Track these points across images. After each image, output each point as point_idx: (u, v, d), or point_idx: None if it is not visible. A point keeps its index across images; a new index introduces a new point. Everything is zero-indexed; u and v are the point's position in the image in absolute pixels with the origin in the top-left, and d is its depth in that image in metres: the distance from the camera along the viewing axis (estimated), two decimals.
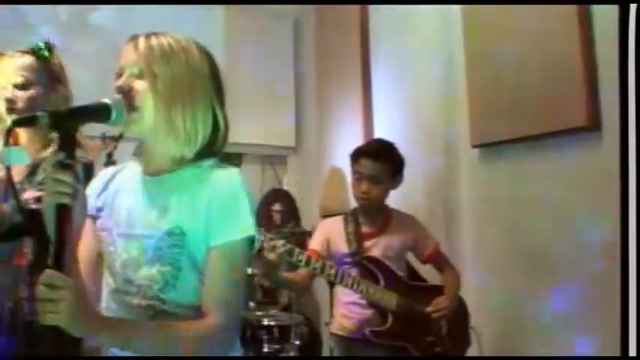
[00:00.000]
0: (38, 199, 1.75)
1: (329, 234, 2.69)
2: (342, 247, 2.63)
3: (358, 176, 2.64)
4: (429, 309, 2.53)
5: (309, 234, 3.41)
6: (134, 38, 1.34)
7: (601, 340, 2.14)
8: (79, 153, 1.38)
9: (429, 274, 2.76)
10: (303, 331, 3.19)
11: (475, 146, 2.92)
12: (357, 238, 2.61)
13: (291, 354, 3.07)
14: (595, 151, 2.30)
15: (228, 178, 1.32)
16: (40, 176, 1.85)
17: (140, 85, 1.30)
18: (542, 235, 2.55)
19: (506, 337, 2.72)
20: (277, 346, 3.06)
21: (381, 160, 2.59)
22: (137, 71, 1.30)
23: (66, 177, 1.15)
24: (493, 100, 2.78)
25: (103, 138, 2.50)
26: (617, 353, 1.25)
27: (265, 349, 3.03)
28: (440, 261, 2.69)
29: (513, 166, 2.74)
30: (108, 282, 1.35)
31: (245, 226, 1.29)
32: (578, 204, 2.37)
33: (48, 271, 1.10)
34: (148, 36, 1.34)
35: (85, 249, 1.35)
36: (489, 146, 2.86)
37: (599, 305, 2.19)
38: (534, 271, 2.59)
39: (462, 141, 3.02)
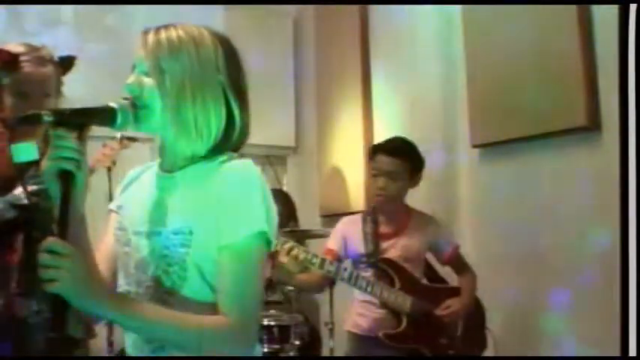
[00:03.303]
0: (32, 194, 1.74)
1: (346, 233, 2.65)
2: (359, 247, 2.60)
3: (375, 172, 2.60)
4: (439, 311, 2.51)
5: (308, 233, 3.40)
6: (145, 33, 1.31)
7: (601, 340, 2.14)
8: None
9: (450, 275, 2.74)
10: (303, 331, 3.17)
11: (475, 146, 2.92)
12: (374, 239, 2.57)
13: (291, 354, 3.07)
14: (595, 151, 2.30)
15: (238, 171, 1.26)
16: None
17: (148, 82, 1.27)
18: (542, 235, 2.55)
19: (506, 337, 2.71)
20: (277, 346, 3.04)
21: (398, 156, 2.56)
22: (145, 68, 1.28)
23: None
24: (493, 100, 2.78)
25: (122, 139, 2.53)
26: (617, 353, 1.25)
27: (265, 349, 3.02)
28: (459, 263, 2.65)
29: (513, 166, 2.74)
30: (120, 284, 1.32)
31: (255, 221, 1.22)
32: (578, 204, 2.37)
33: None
34: (157, 30, 1.30)
35: (106, 247, 1.35)
36: (489, 146, 2.86)
37: (599, 305, 2.19)
38: (534, 271, 2.59)
39: (461, 141, 3.02)
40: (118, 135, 2.52)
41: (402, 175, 2.57)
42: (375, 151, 2.64)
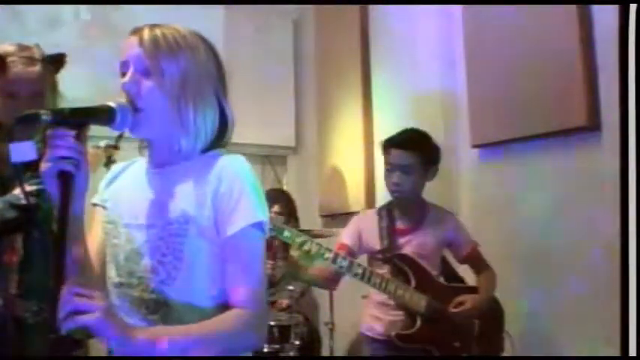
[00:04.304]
0: (32, 194, 1.74)
1: (362, 228, 2.58)
2: (374, 242, 2.52)
3: (389, 167, 2.52)
4: (451, 308, 2.42)
5: (308, 233, 3.40)
6: (138, 30, 1.31)
7: (601, 339, 2.14)
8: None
9: (468, 273, 2.68)
10: (303, 331, 3.18)
11: (475, 146, 2.92)
12: (390, 235, 2.50)
13: (291, 354, 3.07)
14: (595, 151, 2.30)
15: (232, 165, 1.30)
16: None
17: (147, 83, 1.27)
18: (542, 235, 2.55)
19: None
20: (277, 346, 3.05)
21: (411, 149, 2.48)
22: (143, 68, 1.28)
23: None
24: (493, 100, 2.78)
25: (106, 147, 2.51)
26: (617, 353, 1.25)
27: (265, 349, 3.02)
28: (477, 262, 2.57)
29: (513, 166, 2.74)
30: (110, 276, 1.34)
31: (254, 212, 1.26)
32: (578, 204, 2.37)
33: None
34: (152, 28, 1.30)
35: (95, 241, 1.36)
36: (489, 146, 2.86)
37: (599, 305, 2.19)
38: (534, 271, 2.59)
39: (462, 141, 3.02)
40: (102, 143, 2.50)
41: (417, 169, 2.49)
42: (387, 145, 2.56)
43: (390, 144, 2.55)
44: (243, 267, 1.26)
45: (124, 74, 1.29)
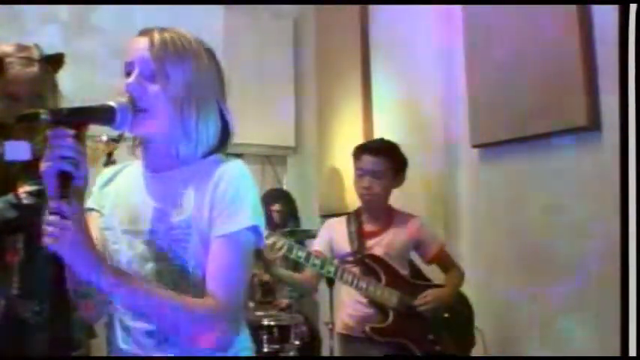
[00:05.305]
0: (32, 194, 1.74)
1: (332, 234, 2.71)
2: (344, 246, 2.64)
3: (360, 172, 2.65)
4: (415, 302, 2.52)
5: (308, 233, 3.40)
6: (147, 32, 1.31)
7: (601, 340, 2.14)
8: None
9: (434, 274, 2.74)
10: (303, 331, 3.18)
11: (475, 146, 2.92)
12: (359, 237, 2.62)
13: (291, 354, 3.07)
14: (595, 151, 2.30)
15: (231, 169, 1.30)
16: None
17: (152, 86, 1.27)
18: (542, 235, 2.55)
19: (506, 337, 2.72)
20: (277, 346, 3.05)
21: (382, 155, 2.62)
22: (149, 71, 1.28)
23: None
24: (493, 100, 2.78)
25: (107, 141, 2.49)
26: (617, 353, 1.25)
27: (265, 349, 3.02)
28: (445, 261, 2.67)
29: (513, 166, 2.74)
30: None
31: (249, 216, 1.26)
32: (578, 204, 2.37)
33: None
34: (161, 32, 1.30)
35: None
36: (489, 146, 2.86)
37: (599, 305, 2.19)
38: (534, 271, 2.59)
39: (462, 141, 3.02)
40: (104, 137, 2.48)
41: (386, 175, 2.63)
42: (359, 151, 2.69)
43: (361, 150, 2.70)
44: (226, 267, 1.25)
45: (128, 74, 1.29)
